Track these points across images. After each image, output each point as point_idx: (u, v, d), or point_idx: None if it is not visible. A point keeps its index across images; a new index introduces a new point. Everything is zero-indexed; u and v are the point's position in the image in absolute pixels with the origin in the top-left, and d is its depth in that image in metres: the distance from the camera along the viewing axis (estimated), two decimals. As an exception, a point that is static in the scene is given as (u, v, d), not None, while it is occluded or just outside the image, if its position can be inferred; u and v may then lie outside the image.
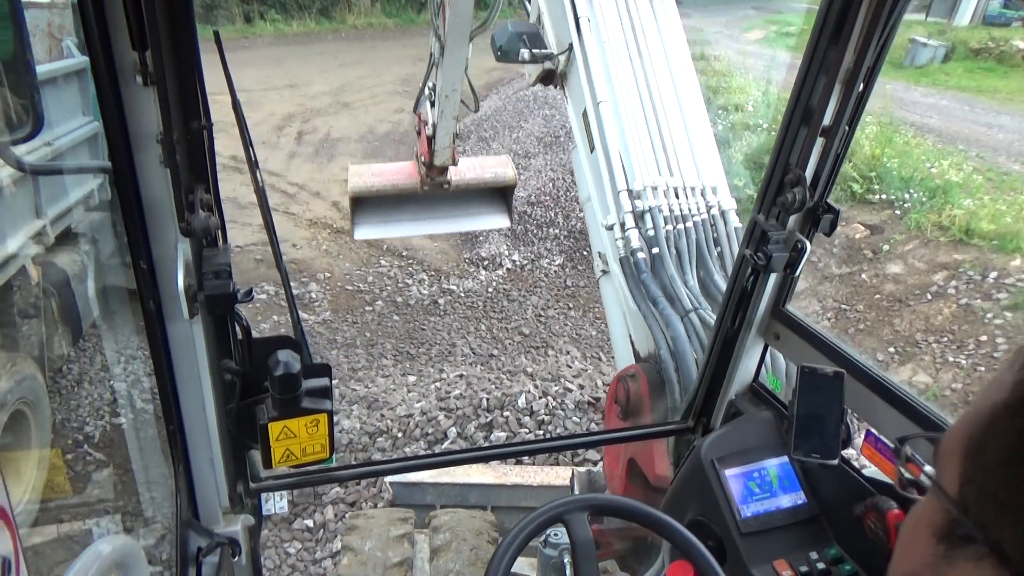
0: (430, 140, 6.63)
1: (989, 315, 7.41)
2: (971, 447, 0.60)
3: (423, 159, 6.97)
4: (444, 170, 7.20)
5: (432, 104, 6.26)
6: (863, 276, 8.69)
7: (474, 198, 7.92)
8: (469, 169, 7.64)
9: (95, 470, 5.34)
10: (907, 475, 0.78)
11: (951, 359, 7.10)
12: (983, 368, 6.86)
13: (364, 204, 7.61)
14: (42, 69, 5.56)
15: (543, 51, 3.14)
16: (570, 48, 3.01)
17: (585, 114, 2.94)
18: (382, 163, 8.49)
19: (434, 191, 7.39)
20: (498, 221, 8.02)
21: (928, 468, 0.78)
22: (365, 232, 7.70)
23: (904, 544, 0.69)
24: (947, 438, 0.65)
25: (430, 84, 6.27)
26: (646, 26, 3.07)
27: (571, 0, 3.01)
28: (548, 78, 3.33)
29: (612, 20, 3.03)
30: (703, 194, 2.83)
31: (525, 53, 3.12)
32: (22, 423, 4.75)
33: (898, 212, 9.53)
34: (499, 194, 7.99)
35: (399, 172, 7.65)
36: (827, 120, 1.81)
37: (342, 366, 7.22)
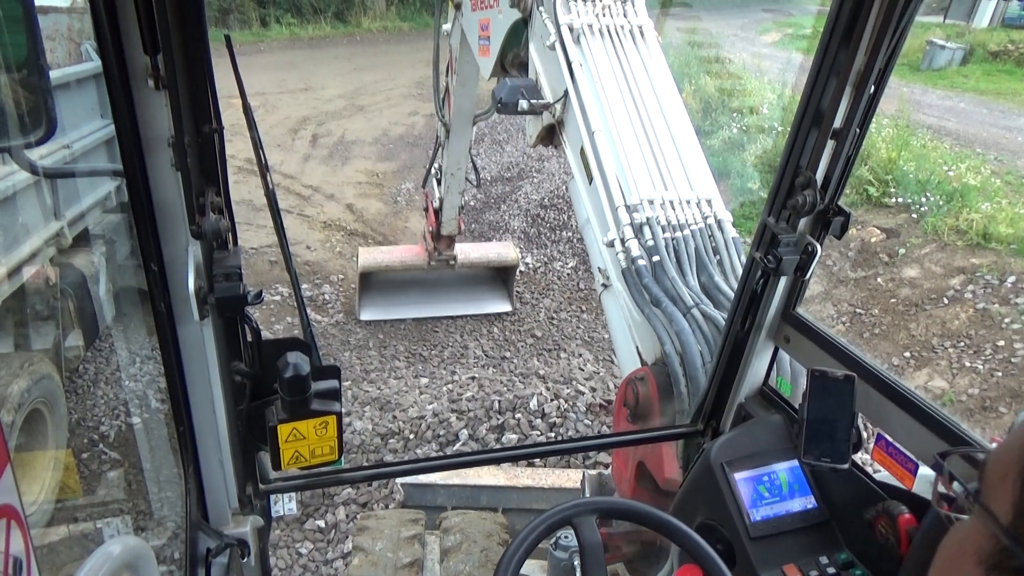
0: (437, 213, 6.94)
1: (1007, 319, 7.33)
2: None
3: (431, 230, 7.22)
4: (451, 241, 7.43)
5: (439, 182, 6.62)
6: (879, 280, 8.62)
7: (476, 283, 8.09)
8: (473, 250, 7.86)
9: (109, 470, 5.39)
10: (943, 491, 0.73)
11: (968, 364, 7.02)
12: (1000, 373, 6.77)
13: (372, 286, 7.74)
14: (61, 73, 5.63)
15: (541, 101, 3.31)
16: (565, 94, 3.19)
17: (583, 151, 3.08)
18: (390, 245, 8.66)
19: (440, 269, 7.54)
20: (499, 306, 8.19)
21: (967, 484, 0.73)
22: (371, 313, 7.88)
23: (944, 570, 0.65)
24: (998, 458, 0.60)
25: (436, 164, 6.60)
26: (633, 63, 3.28)
27: (563, 48, 3.21)
28: (548, 137, 3.50)
29: (602, 61, 3.23)
30: (698, 206, 2.92)
31: (524, 104, 3.28)
32: (39, 422, 4.80)
33: (914, 216, 9.44)
34: (500, 279, 8.12)
35: (407, 251, 7.88)
36: (838, 122, 1.81)
37: (355, 368, 7.24)
